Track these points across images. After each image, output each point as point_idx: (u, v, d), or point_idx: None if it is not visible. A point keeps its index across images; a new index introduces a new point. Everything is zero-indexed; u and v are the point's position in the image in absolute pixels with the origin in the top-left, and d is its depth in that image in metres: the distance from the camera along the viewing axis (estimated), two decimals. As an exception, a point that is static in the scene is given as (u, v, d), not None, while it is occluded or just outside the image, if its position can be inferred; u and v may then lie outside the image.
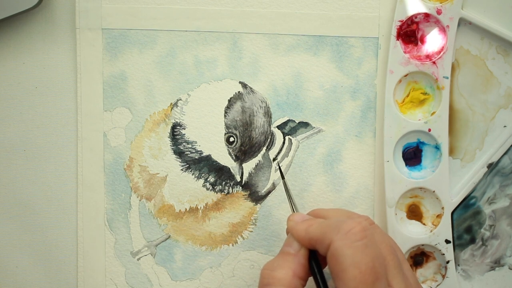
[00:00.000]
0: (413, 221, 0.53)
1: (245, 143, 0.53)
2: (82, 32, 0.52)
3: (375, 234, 0.43)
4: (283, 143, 0.53)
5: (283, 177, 0.52)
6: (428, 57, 0.52)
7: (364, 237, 0.42)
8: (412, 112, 0.53)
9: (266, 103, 0.53)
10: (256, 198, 0.53)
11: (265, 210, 0.54)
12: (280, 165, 0.53)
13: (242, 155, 0.53)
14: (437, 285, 0.53)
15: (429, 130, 0.52)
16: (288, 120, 0.53)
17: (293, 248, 0.45)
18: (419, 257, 0.53)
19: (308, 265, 0.45)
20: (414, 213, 0.53)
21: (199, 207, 0.53)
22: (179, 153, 0.53)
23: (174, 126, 0.53)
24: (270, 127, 0.53)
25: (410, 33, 0.52)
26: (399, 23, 0.52)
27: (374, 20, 0.53)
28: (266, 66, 0.53)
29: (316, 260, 0.45)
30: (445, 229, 0.53)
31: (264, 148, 0.53)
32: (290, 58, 0.53)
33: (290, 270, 0.44)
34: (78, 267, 0.53)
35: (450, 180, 0.53)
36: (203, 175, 0.53)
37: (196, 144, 0.53)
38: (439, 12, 0.52)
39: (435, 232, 0.53)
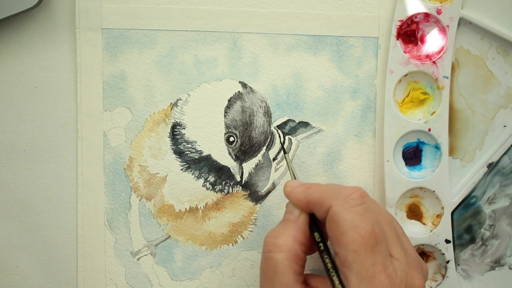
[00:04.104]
0: (413, 221, 0.53)
1: (245, 143, 0.53)
2: (82, 32, 0.52)
3: (372, 205, 0.44)
4: (283, 142, 0.53)
5: (285, 152, 0.52)
6: (428, 57, 0.52)
7: (363, 203, 0.42)
8: (412, 112, 0.53)
9: (266, 103, 0.53)
10: (256, 197, 0.53)
11: (265, 210, 0.53)
12: (282, 142, 0.53)
13: (242, 155, 0.53)
14: (437, 285, 0.53)
15: (429, 130, 0.52)
16: (288, 120, 0.53)
17: (293, 215, 0.46)
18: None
19: (309, 230, 0.45)
20: (414, 213, 0.53)
21: (199, 207, 0.53)
22: (179, 153, 0.53)
23: (174, 126, 0.53)
24: (270, 127, 0.53)
25: (410, 33, 0.52)
26: (399, 23, 0.52)
27: (374, 20, 0.53)
28: (266, 66, 0.53)
29: (316, 225, 0.45)
30: (445, 229, 0.53)
31: (264, 147, 0.53)
32: (290, 58, 0.53)
33: (290, 237, 0.44)
34: (78, 267, 0.53)
35: (450, 180, 0.53)
36: (203, 175, 0.53)
37: (196, 144, 0.53)
38: (439, 12, 0.52)
39: (435, 232, 0.53)
